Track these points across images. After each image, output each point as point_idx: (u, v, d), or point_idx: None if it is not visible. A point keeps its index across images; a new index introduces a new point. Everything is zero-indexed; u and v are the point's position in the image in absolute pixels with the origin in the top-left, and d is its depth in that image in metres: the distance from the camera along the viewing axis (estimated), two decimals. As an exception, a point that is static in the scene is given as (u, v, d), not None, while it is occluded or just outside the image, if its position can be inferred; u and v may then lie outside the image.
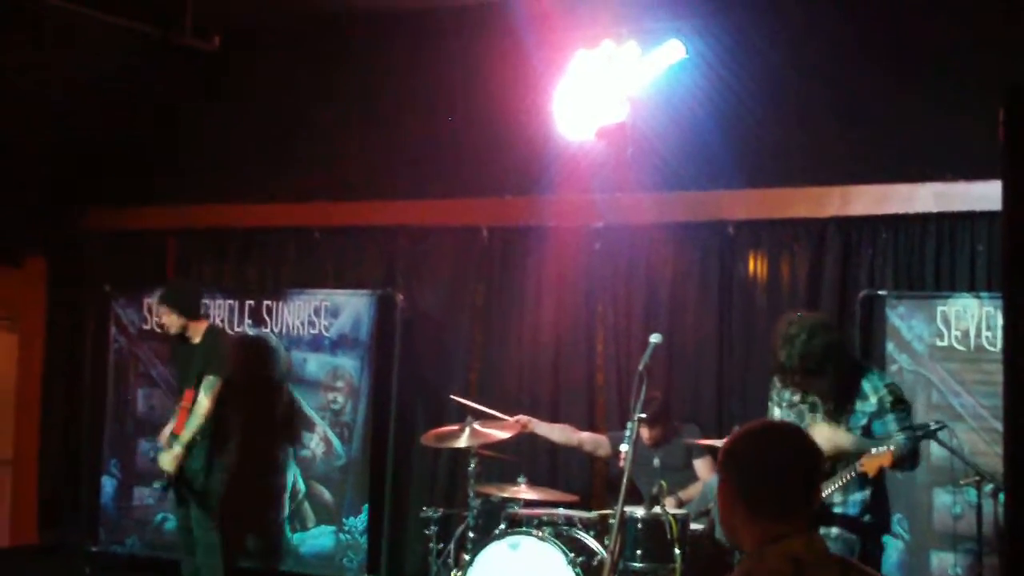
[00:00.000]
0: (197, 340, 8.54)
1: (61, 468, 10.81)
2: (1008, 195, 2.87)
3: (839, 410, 6.29)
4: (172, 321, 8.54)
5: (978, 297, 7.75)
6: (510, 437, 8.13)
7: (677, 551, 6.36)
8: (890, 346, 7.95)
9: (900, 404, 6.30)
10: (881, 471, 6.19)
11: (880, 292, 8.12)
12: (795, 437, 3.26)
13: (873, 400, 6.27)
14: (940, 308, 7.82)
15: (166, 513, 9.86)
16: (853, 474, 6.11)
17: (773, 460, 3.14)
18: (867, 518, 6.34)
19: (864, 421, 6.25)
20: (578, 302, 9.20)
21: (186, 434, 8.29)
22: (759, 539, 3.08)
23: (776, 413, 6.50)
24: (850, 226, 8.41)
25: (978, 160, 7.48)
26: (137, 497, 10.04)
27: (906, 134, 8.15)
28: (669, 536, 6.51)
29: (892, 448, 6.07)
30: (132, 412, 10.14)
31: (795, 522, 3.08)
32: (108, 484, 10.13)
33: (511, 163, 9.30)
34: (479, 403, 8.88)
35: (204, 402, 8.26)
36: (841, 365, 6.30)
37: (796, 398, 6.43)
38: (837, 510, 6.28)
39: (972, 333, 7.71)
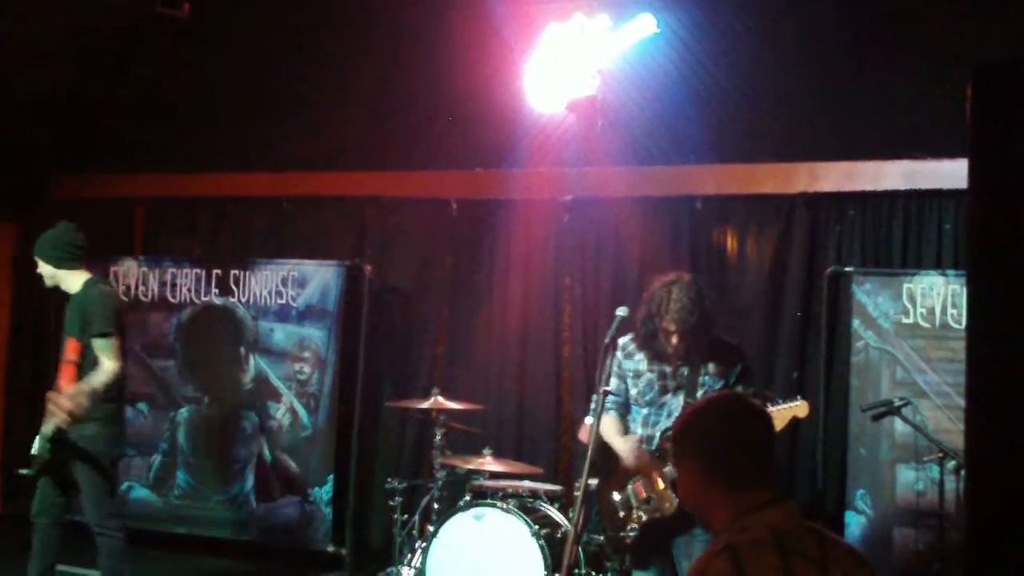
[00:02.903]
0: (75, 291, 7.55)
1: (26, 436, 10.73)
2: (974, 173, 2.88)
3: (691, 381, 6.22)
4: (44, 272, 7.54)
5: (944, 275, 7.79)
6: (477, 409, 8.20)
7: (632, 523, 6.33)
8: (856, 323, 7.99)
9: (746, 377, 6.27)
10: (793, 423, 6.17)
11: (847, 269, 8.15)
12: (750, 406, 3.35)
13: (726, 360, 6.23)
14: (906, 285, 7.86)
15: (131, 481, 9.85)
16: None
17: (738, 429, 3.21)
18: None
19: (719, 385, 6.18)
20: (546, 275, 9.20)
21: (83, 387, 7.04)
22: (738, 511, 3.11)
23: (612, 384, 6.21)
24: (818, 202, 8.44)
25: (946, 139, 7.49)
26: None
27: (875, 112, 8.17)
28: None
29: (803, 400, 6.08)
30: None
31: (771, 489, 3.14)
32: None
33: (481, 136, 9.29)
34: (447, 375, 8.94)
35: (108, 363, 7.15)
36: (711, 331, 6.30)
37: (643, 366, 6.33)
38: None
39: (938, 310, 7.76)
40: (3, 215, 10.94)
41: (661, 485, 6.13)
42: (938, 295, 7.77)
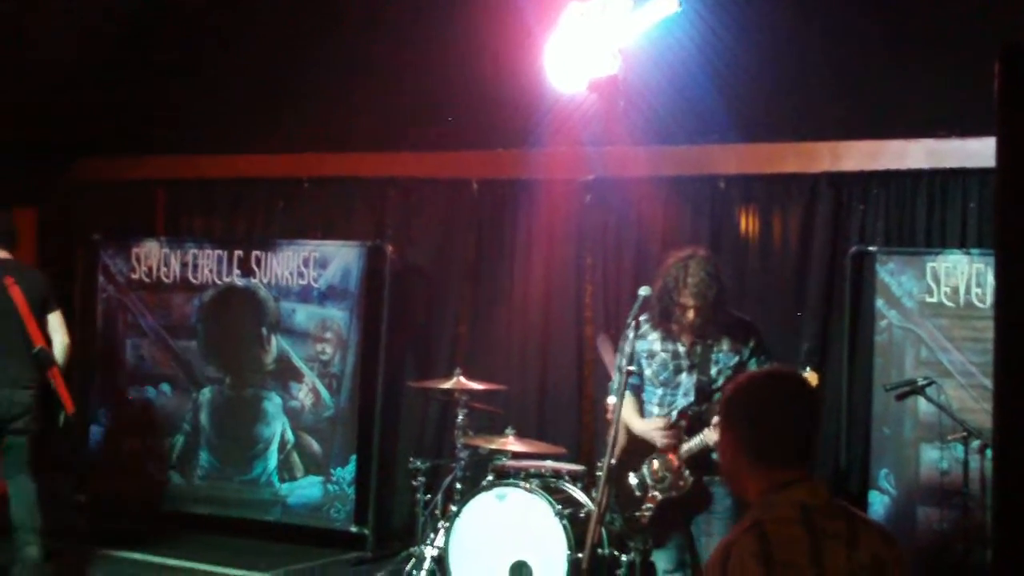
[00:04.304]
0: None
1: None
2: (1002, 152, 2.86)
3: (704, 358, 6.23)
4: None
5: (968, 254, 7.74)
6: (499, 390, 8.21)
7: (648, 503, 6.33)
8: (880, 302, 7.95)
9: (759, 352, 6.24)
10: None
11: (870, 248, 8.11)
12: (795, 384, 3.32)
13: (739, 336, 6.23)
14: (930, 264, 7.81)
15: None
16: None
17: (776, 409, 3.20)
18: None
19: (733, 361, 6.18)
20: (568, 255, 9.19)
21: None
22: (765, 487, 3.13)
23: (623, 363, 6.16)
24: (841, 181, 8.39)
25: (970, 117, 7.45)
26: (126, 446, 10.05)
27: (899, 90, 8.11)
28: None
29: (812, 371, 6.00)
30: (121, 361, 10.12)
31: (800, 469, 3.14)
32: (97, 433, 10.13)
33: (502, 115, 9.26)
34: (468, 355, 8.94)
35: None
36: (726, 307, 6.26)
37: (656, 347, 6.32)
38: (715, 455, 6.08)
39: (962, 290, 7.71)
40: (23, 200, 10.97)
41: (676, 464, 6.14)
42: (962, 274, 7.72)
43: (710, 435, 5.98)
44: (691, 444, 6.08)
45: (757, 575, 2.95)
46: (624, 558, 7.06)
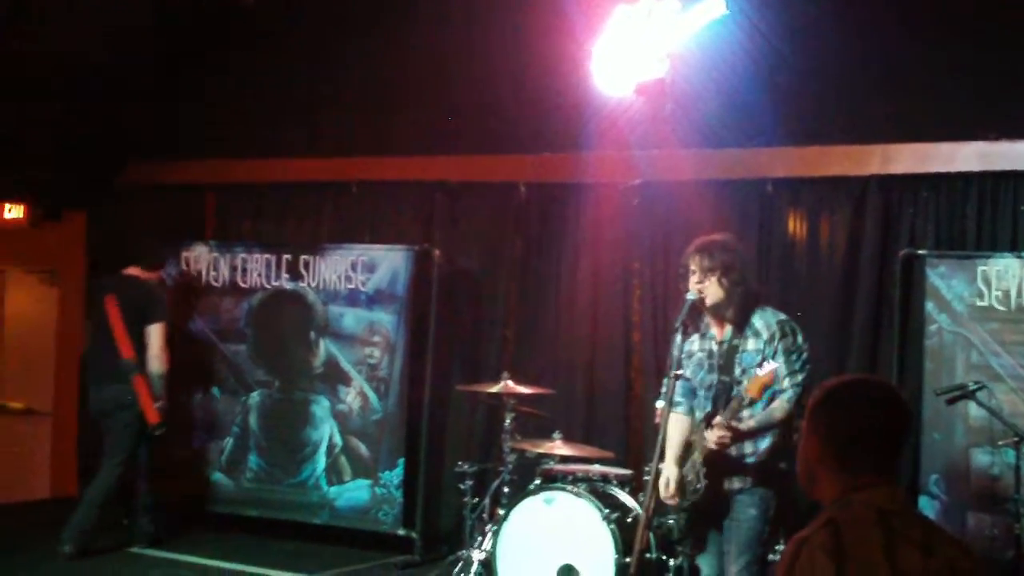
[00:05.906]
0: None
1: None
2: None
3: (728, 359, 6.10)
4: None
5: (1019, 257, 7.67)
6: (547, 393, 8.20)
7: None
8: (930, 305, 7.89)
9: (788, 352, 5.98)
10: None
11: (920, 251, 8.05)
12: (889, 392, 3.31)
13: (764, 336, 6.03)
14: (981, 268, 7.75)
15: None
16: (742, 403, 5.78)
17: (869, 416, 3.20)
18: (783, 465, 5.93)
19: (757, 361, 5.89)
20: (615, 259, 9.17)
21: None
22: (845, 489, 3.15)
23: (672, 369, 6.10)
24: (891, 185, 8.33)
25: (1022, 119, 7.39)
26: (176, 448, 10.09)
27: (949, 92, 8.05)
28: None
29: (775, 365, 5.82)
30: (170, 365, 10.15)
31: (882, 474, 3.16)
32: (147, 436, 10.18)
33: (549, 119, 9.26)
34: (516, 359, 8.94)
35: None
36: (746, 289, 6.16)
37: (695, 347, 6.23)
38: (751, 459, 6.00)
39: (1013, 293, 7.64)
40: (74, 204, 11.07)
41: (695, 470, 6.06)
42: (1013, 277, 7.64)
43: (710, 435, 5.87)
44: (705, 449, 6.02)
45: (827, 568, 2.96)
46: (672, 562, 7.05)
